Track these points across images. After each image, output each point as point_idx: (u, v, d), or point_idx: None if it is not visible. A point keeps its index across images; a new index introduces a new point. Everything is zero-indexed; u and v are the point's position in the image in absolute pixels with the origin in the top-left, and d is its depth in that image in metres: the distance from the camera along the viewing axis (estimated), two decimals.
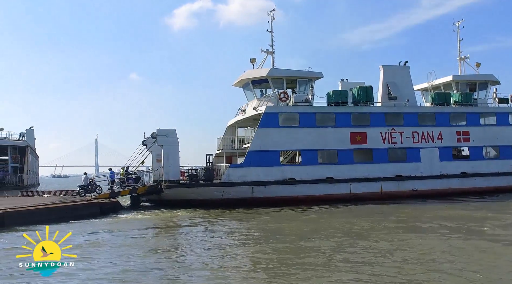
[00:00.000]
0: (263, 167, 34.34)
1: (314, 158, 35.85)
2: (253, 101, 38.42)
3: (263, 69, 37.93)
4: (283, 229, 22.71)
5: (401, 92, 39.41)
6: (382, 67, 40.21)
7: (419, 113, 39.07)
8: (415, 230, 21.82)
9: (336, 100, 37.37)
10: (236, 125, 41.21)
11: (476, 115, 40.73)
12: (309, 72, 37.95)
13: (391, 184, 36.70)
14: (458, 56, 45.77)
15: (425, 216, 25.97)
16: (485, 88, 43.43)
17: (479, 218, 25.07)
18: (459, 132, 39.68)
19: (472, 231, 20.74)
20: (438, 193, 37.13)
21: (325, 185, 35.22)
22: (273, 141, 34.93)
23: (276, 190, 34.28)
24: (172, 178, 33.97)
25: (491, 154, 41.14)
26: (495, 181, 39.43)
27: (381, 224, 23.33)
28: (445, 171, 38.34)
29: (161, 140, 34.28)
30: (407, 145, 37.81)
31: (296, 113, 35.96)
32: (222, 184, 33.94)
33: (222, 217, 28.05)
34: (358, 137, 36.72)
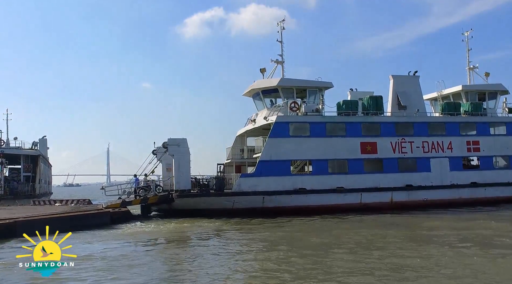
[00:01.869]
0: (273, 176, 34.44)
1: (324, 167, 35.95)
2: (263, 111, 38.59)
3: (274, 79, 38.15)
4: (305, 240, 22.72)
5: (411, 102, 39.54)
6: (392, 77, 40.37)
7: (429, 123, 39.17)
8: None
9: (346, 110, 37.48)
10: (245, 134, 41.36)
11: (486, 125, 40.76)
12: (319, 82, 38.14)
13: (402, 193, 36.71)
14: (467, 66, 45.81)
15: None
16: (494, 98, 43.48)
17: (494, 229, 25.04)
18: (469, 142, 39.70)
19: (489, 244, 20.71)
20: (448, 202, 37.07)
21: (336, 195, 35.28)
22: (283, 151, 35.06)
23: (286, 200, 34.37)
24: (183, 187, 34.13)
25: (501, 163, 41.07)
26: (505, 191, 39.36)
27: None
28: (455, 181, 38.33)
29: (172, 149, 34.47)
30: (417, 155, 37.87)
31: (307, 123, 36.13)
32: (233, 193, 34.07)
33: (234, 227, 28.05)
34: (368, 147, 36.83)
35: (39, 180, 57.55)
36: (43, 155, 62.87)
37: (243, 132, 40.89)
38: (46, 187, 67.93)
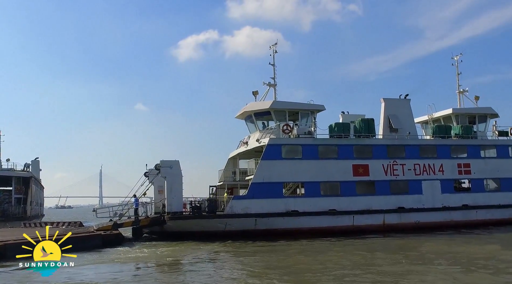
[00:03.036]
0: (266, 198, 34.46)
1: (317, 189, 36.02)
2: (255, 134, 38.78)
3: (266, 102, 38.43)
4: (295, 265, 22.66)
5: (402, 125, 39.87)
6: (383, 100, 40.76)
7: (420, 146, 39.46)
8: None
9: (338, 132, 37.74)
10: (238, 157, 41.44)
11: (476, 147, 41.12)
12: (311, 105, 38.45)
13: (394, 216, 36.81)
14: (457, 89, 46.39)
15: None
16: (484, 121, 43.96)
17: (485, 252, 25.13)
18: (460, 164, 39.98)
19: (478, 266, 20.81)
20: (440, 225, 37.22)
21: (328, 217, 35.31)
22: (276, 173, 35.15)
23: (279, 222, 34.35)
24: (175, 210, 34.04)
25: (492, 186, 41.33)
26: (496, 213, 39.56)
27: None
28: (447, 203, 38.49)
29: (165, 172, 34.43)
30: (409, 177, 38.05)
31: (299, 146, 36.31)
32: (225, 215, 34.02)
33: (227, 251, 27.96)
34: (361, 169, 37.00)
35: (30, 202, 57.14)
36: (35, 177, 62.56)
37: (235, 154, 40.98)
38: (38, 209, 67.44)
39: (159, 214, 35.23)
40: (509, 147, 41.95)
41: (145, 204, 37.39)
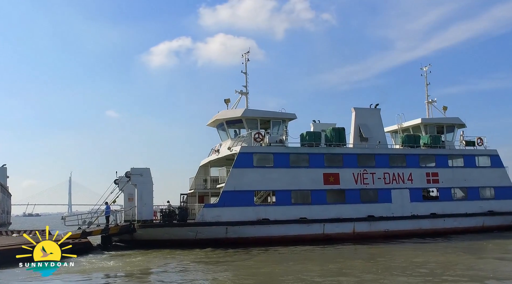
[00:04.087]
0: (237, 207, 34.41)
1: (287, 198, 36.12)
2: (227, 141, 38.76)
3: (238, 110, 38.48)
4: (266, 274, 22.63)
5: (373, 134, 40.36)
6: (354, 110, 41.18)
7: (390, 155, 39.98)
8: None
9: (309, 141, 37.97)
10: (209, 165, 41.33)
11: (444, 157, 41.87)
12: (282, 114, 38.64)
13: (364, 224, 37.13)
14: (426, 99, 47.13)
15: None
16: (452, 131, 44.80)
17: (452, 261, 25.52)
18: (428, 173, 40.62)
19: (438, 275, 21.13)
20: (409, 233, 37.67)
21: (299, 225, 35.43)
22: (247, 181, 35.16)
23: (250, 230, 34.31)
24: (145, 218, 33.74)
25: (459, 195, 42.09)
26: (463, 222, 40.30)
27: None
28: (416, 212, 39.04)
29: (135, 179, 34.12)
30: (378, 186, 38.49)
31: (271, 154, 36.41)
32: (196, 224, 33.85)
33: (198, 260, 27.75)
34: (331, 178, 37.27)
35: None
36: (2, 184, 61.31)
37: (206, 162, 40.87)
38: (5, 216, 66.04)
39: (129, 222, 34.85)
40: (475, 157, 42.85)
41: (114, 212, 36.96)
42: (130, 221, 34.77)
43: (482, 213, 41.14)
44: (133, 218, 34.77)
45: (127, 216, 36.45)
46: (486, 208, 41.49)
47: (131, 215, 35.62)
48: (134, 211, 34.66)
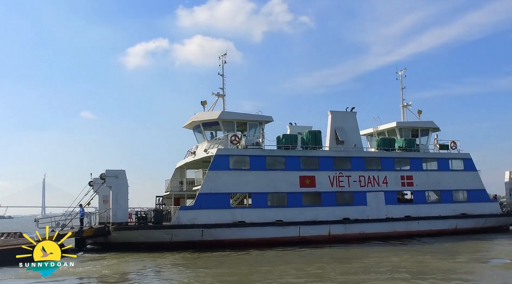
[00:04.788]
0: (213, 209, 34.30)
1: (264, 200, 36.14)
2: (203, 144, 38.68)
3: (214, 112, 38.43)
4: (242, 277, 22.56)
5: (348, 137, 40.68)
6: (330, 113, 41.47)
7: (365, 158, 40.31)
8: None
9: (286, 144, 38.08)
10: (185, 167, 41.15)
11: (419, 160, 42.39)
12: (259, 116, 38.71)
13: (339, 227, 37.33)
14: (401, 103, 47.67)
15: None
16: (426, 134, 45.40)
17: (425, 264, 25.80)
18: (403, 177, 41.07)
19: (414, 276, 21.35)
20: (384, 235, 38.03)
21: (275, 228, 35.46)
22: (223, 183, 35.10)
23: (226, 233, 34.24)
24: (120, 220, 33.41)
25: (433, 197, 42.63)
26: (437, 224, 40.77)
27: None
28: (390, 214, 39.39)
29: (110, 181, 33.75)
30: (354, 189, 38.76)
31: (247, 156, 36.42)
32: (172, 226, 33.63)
33: (173, 263, 27.59)
34: (307, 180, 37.42)
35: None
36: None
37: (182, 164, 40.69)
38: None
39: (104, 224, 34.49)
40: (449, 160, 43.45)
41: (89, 214, 36.52)
42: (105, 224, 34.42)
43: (455, 216, 41.70)
44: (107, 220, 34.40)
45: (101, 218, 36.08)
46: (459, 210, 42.09)
47: (105, 217, 35.28)
48: (109, 213, 34.28)
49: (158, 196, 40.23)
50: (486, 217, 43.04)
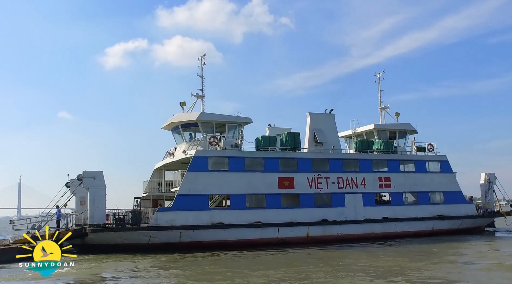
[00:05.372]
0: (191, 210, 34.19)
1: (242, 202, 36.14)
2: (182, 145, 38.53)
3: (193, 113, 38.29)
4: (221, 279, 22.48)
5: (327, 139, 40.88)
6: (309, 115, 41.62)
7: (344, 160, 40.55)
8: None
9: (264, 145, 38.14)
10: (164, 168, 40.95)
11: (396, 162, 42.76)
12: (238, 118, 38.69)
13: (317, 228, 37.47)
14: (379, 105, 48.08)
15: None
16: (404, 136, 45.83)
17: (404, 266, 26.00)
18: (381, 178, 41.42)
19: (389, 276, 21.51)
20: (362, 237, 38.29)
21: (253, 230, 35.47)
22: (202, 185, 35.01)
23: (204, 234, 34.15)
24: (97, 222, 33.07)
25: (410, 199, 43.04)
26: (414, 226, 41.17)
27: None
28: (368, 216, 39.67)
29: (87, 182, 33.37)
30: (332, 190, 38.94)
31: (226, 158, 36.38)
32: (150, 228, 33.41)
33: (151, 265, 27.38)
34: (286, 182, 37.50)
35: None
36: None
37: (161, 165, 40.47)
38: None
39: (81, 226, 34.12)
40: (426, 162, 43.95)
41: (66, 216, 36.12)
42: (82, 225, 34.02)
43: (432, 217, 42.19)
44: (84, 222, 34.00)
45: (78, 219, 35.64)
46: (435, 212, 42.58)
47: (82, 219, 34.82)
48: (86, 215, 33.92)
49: (136, 197, 39.94)
50: (462, 219, 43.61)
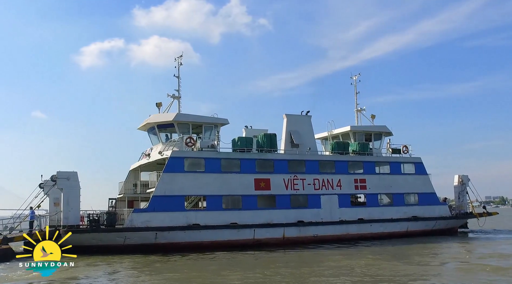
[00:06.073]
0: (167, 212, 33.99)
1: (218, 203, 36.05)
2: (158, 146, 38.30)
3: (170, 114, 38.13)
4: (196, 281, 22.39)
5: (303, 141, 41.04)
6: (285, 116, 41.73)
7: (320, 161, 40.73)
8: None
9: (241, 146, 38.14)
10: (139, 169, 40.65)
11: (372, 164, 43.11)
12: (215, 118, 38.60)
13: (293, 229, 37.57)
14: (355, 108, 48.51)
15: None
16: (379, 138, 46.24)
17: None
18: (356, 180, 41.69)
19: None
20: (337, 238, 38.54)
21: (229, 231, 35.42)
22: (178, 186, 34.85)
23: (180, 236, 33.99)
24: (71, 223, 32.69)
25: (386, 201, 43.45)
26: (389, 227, 41.56)
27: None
28: (344, 217, 39.89)
29: (61, 183, 32.97)
30: (308, 192, 39.09)
31: (202, 159, 36.27)
32: (125, 229, 33.13)
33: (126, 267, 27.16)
34: (262, 183, 37.54)
35: None
36: None
37: (137, 166, 40.17)
38: None
39: (54, 227, 33.66)
40: (401, 164, 44.41)
41: (39, 217, 35.63)
42: (55, 227, 33.57)
43: (406, 218, 42.61)
44: (58, 223, 33.58)
45: (52, 221, 35.14)
46: (410, 213, 43.02)
47: (56, 220, 34.41)
48: (60, 216, 33.52)
49: (111, 198, 39.64)
50: (436, 220, 44.18)
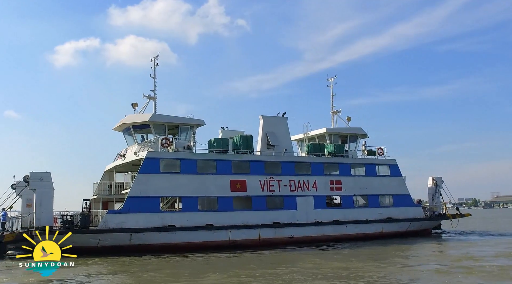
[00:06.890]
0: (142, 213, 33.73)
1: (194, 204, 35.91)
2: (133, 146, 38.00)
3: (145, 114, 37.86)
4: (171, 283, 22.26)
5: (279, 142, 41.14)
6: (261, 118, 41.78)
7: (296, 163, 40.85)
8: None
9: (217, 147, 38.05)
10: (114, 170, 40.24)
11: (347, 165, 43.37)
12: (191, 119, 38.45)
13: (269, 231, 37.60)
14: (331, 110, 48.74)
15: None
16: (355, 140, 46.58)
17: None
18: (332, 181, 41.89)
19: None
20: (313, 239, 38.66)
21: (205, 232, 35.30)
22: (153, 187, 34.61)
23: (155, 237, 33.74)
24: (44, 224, 32.09)
25: (361, 202, 43.73)
26: (364, 228, 41.86)
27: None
28: (319, 218, 40.05)
29: (34, 184, 32.49)
30: (284, 193, 39.17)
31: (178, 160, 36.09)
32: (99, 230, 32.77)
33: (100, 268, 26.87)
34: (238, 184, 37.50)
35: None
36: None
37: (111, 167, 39.76)
38: None
39: (27, 228, 33.16)
40: (376, 166, 44.79)
41: (11, 218, 35.07)
42: (28, 228, 33.08)
43: (381, 220, 42.98)
44: (31, 225, 33.09)
45: (24, 222, 34.69)
46: (385, 214, 43.41)
47: (29, 222, 33.92)
48: (33, 217, 33.03)
49: (85, 200, 39.19)
50: (410, 221, 44.61)
